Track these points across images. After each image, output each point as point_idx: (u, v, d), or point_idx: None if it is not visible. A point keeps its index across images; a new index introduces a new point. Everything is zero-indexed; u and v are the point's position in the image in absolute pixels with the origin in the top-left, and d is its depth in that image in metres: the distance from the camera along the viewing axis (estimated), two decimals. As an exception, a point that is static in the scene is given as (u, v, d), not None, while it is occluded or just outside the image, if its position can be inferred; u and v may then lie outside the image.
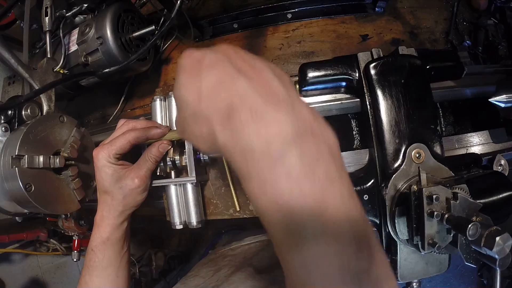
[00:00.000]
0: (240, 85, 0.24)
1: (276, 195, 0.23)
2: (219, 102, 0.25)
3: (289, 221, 0.22)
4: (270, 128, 0.22)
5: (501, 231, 0.32)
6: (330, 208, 0.22)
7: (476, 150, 0.55)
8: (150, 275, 1.27)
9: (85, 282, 0.49)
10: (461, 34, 0.64)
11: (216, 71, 0.26)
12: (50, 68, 0.55)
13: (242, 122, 0.23)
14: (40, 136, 0.49)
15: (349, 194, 0.24)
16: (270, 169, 0.22)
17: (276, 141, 0.22)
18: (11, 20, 0.73)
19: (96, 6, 0.59)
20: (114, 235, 0.49)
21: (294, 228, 0.22)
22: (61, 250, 1.06)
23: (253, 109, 0.23)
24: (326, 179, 0.23)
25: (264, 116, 0.23)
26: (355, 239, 0.23)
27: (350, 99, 0.52)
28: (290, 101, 0.24)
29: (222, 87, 0.25)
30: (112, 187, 0.48)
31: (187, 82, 0.28)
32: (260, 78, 0.25)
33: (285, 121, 0.23)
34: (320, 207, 0.22)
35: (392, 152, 0.45)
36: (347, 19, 0.62)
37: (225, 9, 0.66)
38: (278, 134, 0.22)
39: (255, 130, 0.23)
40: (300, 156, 0.22)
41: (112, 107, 0.72)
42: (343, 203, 0.23)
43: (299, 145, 0.22)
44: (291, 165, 0.22)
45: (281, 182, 0.22)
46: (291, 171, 0.22)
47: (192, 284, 0.53)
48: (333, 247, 0.22)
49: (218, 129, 0.25)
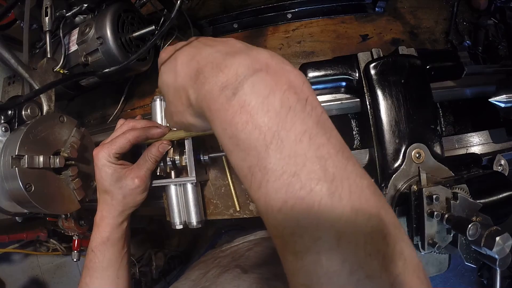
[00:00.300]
0: (205, 51, 0.28)
1: (233, 132, 0.23)
2: (190, 70, 0.28)
3: (247, 157, 0.23)
4: (226, 72, 0.24)
5: (501, 231, 0.32)
6: (288, 142, 0.21)
7: (476, 150, 0.55)
8: (150, 275, 1.27)
9: (86, 284, 0.49)
10: (461, 34, 0.64)
11: (187, 50, 0.30)
12: (50, 68, 0.55)
13: (205, 75, 0.26)
14: (40, 136, 0.49)
15: (319, 128, 0.22)
16: (226, 106, 0.24)
17: (230, 81, 0.24)
18: (11, 20, 0.73)
19: (96, 6, 0.59)
20: (114, 235, 0.49)
21: (254, 163, 0.22)
22: (61, 250, 1.07)
23: (213, 63, 0.26)
24: (283, 109, 0.22)
25: (221, 65, 0.25)
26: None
27: (350, 99, 0.52)
28: (247, 51, 0.26)
29: (192, 59, 0.29)
30: (112, 187, 0.48)
31: (166, 69, 0.32)
32: (223, 44, 0.28)
33: (239, 64, 0.24)
34: (275, 138, 0.22)
35: (392, 152, 0.45)
36: (347, 19, 0.62)
37: (225, 9, 0.66)
38: (233, 75, 0.24)
39: (214, 77, 0.25)
40: (252, 89, 0.23)
41: (112, 107, 0.72)
42: (309, 135, 0.22)
43: (252, 80, 0.23)
44: (245, 99, 0.23)
45: (237, 116, 0.23)
46: (244, 104, 0.23)
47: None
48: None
49: (191, 91, 0.28)
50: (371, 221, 0.21)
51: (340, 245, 0.20)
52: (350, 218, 0.21)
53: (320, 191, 0.21)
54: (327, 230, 0.20)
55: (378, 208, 0.22)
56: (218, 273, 0.53)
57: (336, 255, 0.20)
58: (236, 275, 0.50)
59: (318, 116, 0.23)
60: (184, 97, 0.30)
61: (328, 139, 0.23)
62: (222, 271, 0.53)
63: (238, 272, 0.51)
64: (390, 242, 0.21)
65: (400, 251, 0.22)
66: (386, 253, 0.21)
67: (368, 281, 0.20)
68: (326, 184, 0.21)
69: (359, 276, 0.20)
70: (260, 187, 0.22)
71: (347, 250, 0.20)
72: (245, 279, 0.48)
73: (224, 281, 0.49)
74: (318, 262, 0.20)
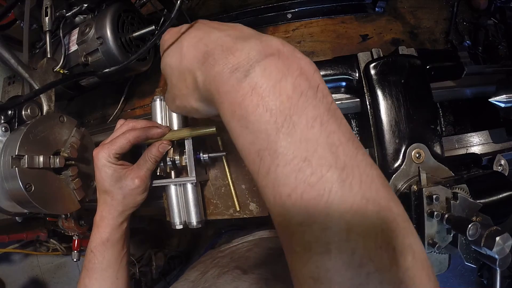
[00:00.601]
0: (214, 35, 0.27)
1: (243, 114, 0.23)
2: (198, 53, 0.28)
3: (256, 140, 0.22)
4: (237, 55, 0.24)
5: (501, 231, 0.32)
6: (299, 127, 0.21)
7: (476, 150, 0.55)
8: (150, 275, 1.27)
9: (85, 285, 0.48)
10: (461, 34, 0.64)
11: (194, 33, 0.30)
12: (50, 68, 0.55)
13: (215, 58, 0.25)
14: (40, 136, 0.49)
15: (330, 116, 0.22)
16: (237, 88, 0.23)
17: (242, 63, 0.24)
18: (11, 20, 0.73)
19: (96, 6, 0.59)
20: (114, 235, 0.49)
21: (264, 146, 0.22)
22: (61, 250, 1.07)
23: (223, 46, 0.25)
24: (295, 94, 0.22)
25: (232, 49, 0.25)
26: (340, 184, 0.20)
27: (350, 99, 0.52)
28: (258, 36, 0.26)
29: (200, 42, 0.28)
30: (112, 187, 0.48)
31: (170, 51, 0.31)
32: (232, 29, 0.28)
33: (250, 48, 0.24)
34: (287, 122, 0.21)
35: (392, 152, 0.45)
36: (347, 19, 0.62)
37: (225, 9, 0.66)
38: (244, 58, 0.24)
39: (224, 59, 0.25)
40: (264, 72, 0.23)
41: (112, 107, 0.72)
42: (320, 121, 0.21)
43: (264, 63, 0.23)
44: (256, 81, 0.23)
45: (247, 99, 0.23)
46: (256, 86, 0.22)
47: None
48: None
49: (198, 73, 0.27)
50: (382, 213, 0.21)
51: (350, 237, 0.20)
52: (361, 208, 0.20)
53: (331, 178, 0.20)
54: (337, 220, 0.20)
55: (388, 200, 0.22)
56: (217, 274, 0.53)
57: (345, 247, 0.19)
58: (236, 276, 0.50)
59: (329, 104, 0.23)
60: (190, 80, 0.29)
61: (339, 126, 0.22)
62: (221, 271, 0.53)
63: (238, 273, 0.51)
64: (399, 235, 0.21)
65: (409, 244, 0.21)
66: (396, 246, 0.20)
67: (378, 274, 0.19)
68: (337, 171, 0.20)
69: (369, 269, 0.19)
70: (269, 172, 0.22)
71: (357, 242, 0.19)
72: (244, 279, 0.48)
73: (224, 282, 0.49)
74: (327, 254, 0.20)
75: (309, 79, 0.23)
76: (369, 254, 0.19)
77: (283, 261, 0.24)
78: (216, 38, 0.27)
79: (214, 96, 0.26)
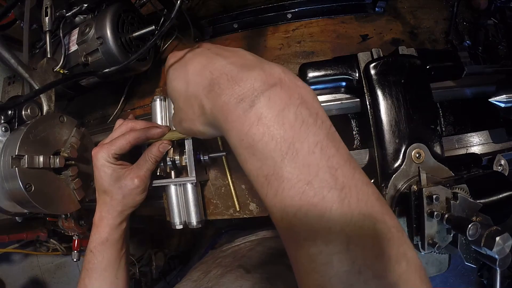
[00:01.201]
0: (218, 63, 0.29)
1: (250, 142, 0.25)
2: (204, 80, 0.29)
3: (263, 166, 0.24)
4: (242, 85, 0.26)
5: (501, 231, 0.32)
6: (302, 153, 0.23)
7: (476, 150, 0.54)
8: (150, 275, 1.27)
9: (85, 285, 0.49)
10: (461, 34, 0.64)
11: (198, 59, 0.31)
12: (50, 68, 0.55)
13: (220, 86, 0.27)
14: (40, 136, 0.49)
15: (328, 141, 0.24)
16: (243, 118, 0.25)
17: (247, 94, 0.25)
18: (11, 20, 0.73)
19: (96, 6, 0.59)
20: (113, 235, 0.49)
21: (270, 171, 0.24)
22: (61, 250, 1.07)
23: (228, 75, 0.27)
24: (297, 122, 0.24)
25: (237, 78, 0.26)
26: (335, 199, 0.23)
27: (350, 99, 0.52)
28: (261, 65, 0.27)
29: (204, 69, 0.29)
30: (111, 187, 0.48)
31: (176, 76, 0.33)
32: (235, 55, 0.29)
33: (255, 78, 0.26)
34: (290, 149, 0.23)
35: (392, 152, 0.45)
36: (347, 19, 0.62)
37: (225, 9, 0.66)
38: (249, 88, 0.26)
39: (230, 89, 0.26)
40: (269, 103, 0.25)
41: (112, 107, 0.72)
42: (321, 146, 0.24)
43: (268, 94, 0.25)
44: (261, 111, 0.24)
45: (253, 128, 0.24)
46: (261, 116, 0.24)
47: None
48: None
49: (205, 101, 0.29)
50: (377, 225, 0.23)
51: (349, 248, 0.22)
52: (358, 222, 0.22)
53: (332, 198, 0.23)
54: (337, 235, 0.22)
55: (383, 213, 0.24)
56: (221, 273, 0.53)
57: (346, 257, 0.22)
58: (239, 275, 0.50)
59: (327, 129, 0.25)
60: (197, 106, 0.31)
61: (337, 150, 0.25)
62: (225, 271, 0.53)
63: (241, 272, 0.51)
64: (394, 244, 0.23)
65: (403, 252, 0.23)
66: (391, 254, 0.23)
67: (376, 280, 0.22)
68: (337, 191, 0.23)
69: (367, 276, 0.22)
70: (277, 195, 0.24)
71: (355, 253, 0.22)
72: (247, 279, 0.49)
73: (227, 281, 0.49)
74: (329, 264, 0.22)
75: (309, 107, 0.25)
76: (367, 262, 0.22)
77: (285, 261, 0.26)
78: (221, 66, 0.28)
79: (222, 124, 0.27)
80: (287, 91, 0.25)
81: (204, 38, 0.67)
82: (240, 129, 0.25)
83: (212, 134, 0.33)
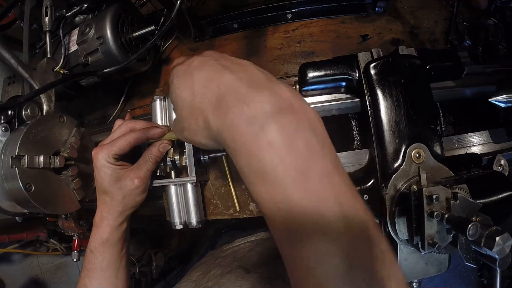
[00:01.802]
0: (226, 78, 0.28)
1: (260, 167, 0.25)
2: (210, 95, 0.29)
3: (273, 191, 0.24)
4: (251, 107, 0.25)
5: (501, 231, 0.32)
6: (310, 180, 0.24)
7: (476, 150, 0.54)
8: (150, 275, 1.27)
9: (85, 285, 0.49)
10: (461, 34, 0.64)
11: (205, 70, 0.30)
12: (50, 68, 0.55)
13: (228, 105, 0.27)
14: (40, 136, 0.49)
15: (333, 168, 0.25)
16: (253, 141, 0.25)
17: (257, 117, 0.25)
18: (11, 20, 0.73)
19: (96, 6, 0.59)
20: (114, 235, 0.49)
21: (280, 197, 0.24)
22: (61, 250, 1.07)
23: (237, 94, 0.27)
24: (306, 150, 0.24)
25: (246, 98, 0.26)
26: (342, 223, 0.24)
27: (350, 99, 0.52)
28: (270, 85, 0.27)
29: (211, 82, 0.29)
30: (112, 187, 0.48)
31: (181, 83, 0.32)
32: (243, 70, 0.29)
33: (265, 101, 0.25)
34: (299, 175, 0.24)
35: (392, 152, 0.45)
36: (347, 19, 0.62)
37: (225, 9, 0.66)
38: (259, 111, 0.25)
39: (239, 109, 0.26)
40: (279, 128, 0.25)
41: (112, 107, 0.72)
42: (327, 174, 0.25)
43: (279, 119, 0.25)
44: (272, 137, 0.24)
45: (264, 152, 0.24)
46: (272, 142, 0.24)
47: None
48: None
49: (211, 117, 0.29)
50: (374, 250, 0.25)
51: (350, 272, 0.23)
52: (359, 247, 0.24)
53: (337, 227, 0.24)
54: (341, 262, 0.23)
55: (379, 238, 0.25)
56: (220, 273, 0.53)
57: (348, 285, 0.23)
58: (239, 275, 0.50)
59: (333, 156, 0.26)
60: (202, 120, 0.30)
61: (341, 177, 0.25)
62: (224, 271, 0.53)
63: (241, 272, 0.51)
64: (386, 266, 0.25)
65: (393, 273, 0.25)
66: (384, 275, 0.24)
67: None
68: (343, 220, 0.24)
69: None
70: (285, 221, 0.24)
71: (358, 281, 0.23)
72: (247, 278, 0.49)
73: (227, 281, 0.49)
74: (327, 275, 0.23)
75: (316, 133, 0.26)
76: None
77: None
78: (229, 82, 0.28)
79: (228, 143, 0.27)
80: (296, 116, 0.25)
81: (204, 38, 0.67)
82: (250, 152, 0.25)
83: (213, 147, 0.33)
